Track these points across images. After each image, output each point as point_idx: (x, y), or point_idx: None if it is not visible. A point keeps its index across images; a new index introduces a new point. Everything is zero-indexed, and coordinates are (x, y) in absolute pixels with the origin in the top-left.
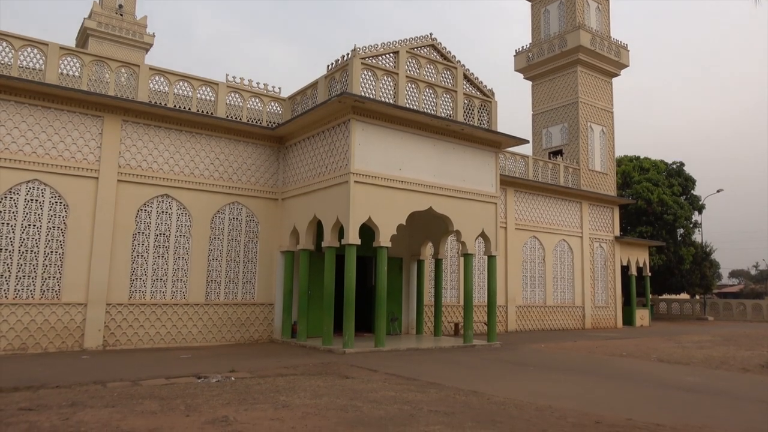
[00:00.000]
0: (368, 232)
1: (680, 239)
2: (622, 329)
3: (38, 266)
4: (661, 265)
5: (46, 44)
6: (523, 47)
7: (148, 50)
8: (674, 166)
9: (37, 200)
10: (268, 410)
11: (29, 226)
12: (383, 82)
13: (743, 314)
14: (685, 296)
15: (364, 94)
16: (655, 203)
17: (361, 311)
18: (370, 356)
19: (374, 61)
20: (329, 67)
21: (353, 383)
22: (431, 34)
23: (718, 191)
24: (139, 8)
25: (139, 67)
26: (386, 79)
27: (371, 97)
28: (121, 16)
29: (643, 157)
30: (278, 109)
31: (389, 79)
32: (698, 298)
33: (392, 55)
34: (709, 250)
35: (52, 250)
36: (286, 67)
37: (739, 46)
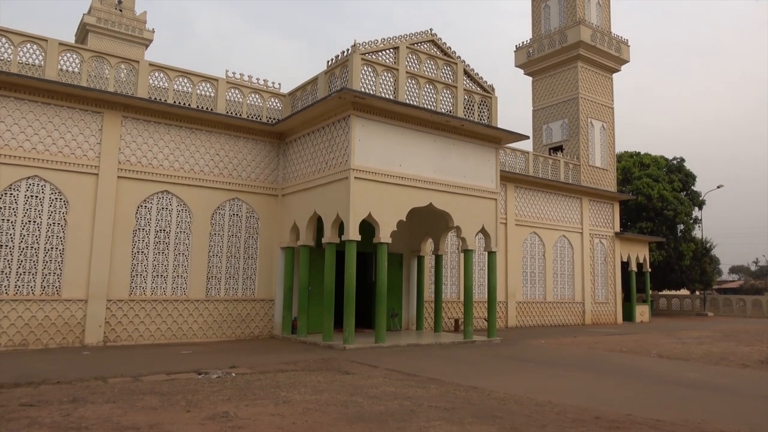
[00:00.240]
0: (368, 228)
1: (680, 235)
2: (622, 325)
3: (38, 262)
4: (661, 260)
5: (45, 40)
6: (523, 43)
7: (147, 46)
8: (674, 162)
9: (37, 196)
10: (268, 406)
11: (29, 222)
12: (383, 77)
13: (743, 310)
14: (685, 292)
15: (364, 89)
16: (655, 199)
17: (361, 307)
18: (370, 352)
19: (374, 56)
20: (329, 62)
21: (353, 379)
22: (431, 29)
23: (718, 187)
24: (138, 4)
25: (138, 63)
26: (386, 74)
27: (371, 92)
28: (120, 11)
29: (643, 152)
30: (278, 105)
31: (389, 74)
32: (698, 294)
33: (392, 50)
34: (709, 246)
35: (52, 246)
36: (286, 62)
37: (738, 46)
